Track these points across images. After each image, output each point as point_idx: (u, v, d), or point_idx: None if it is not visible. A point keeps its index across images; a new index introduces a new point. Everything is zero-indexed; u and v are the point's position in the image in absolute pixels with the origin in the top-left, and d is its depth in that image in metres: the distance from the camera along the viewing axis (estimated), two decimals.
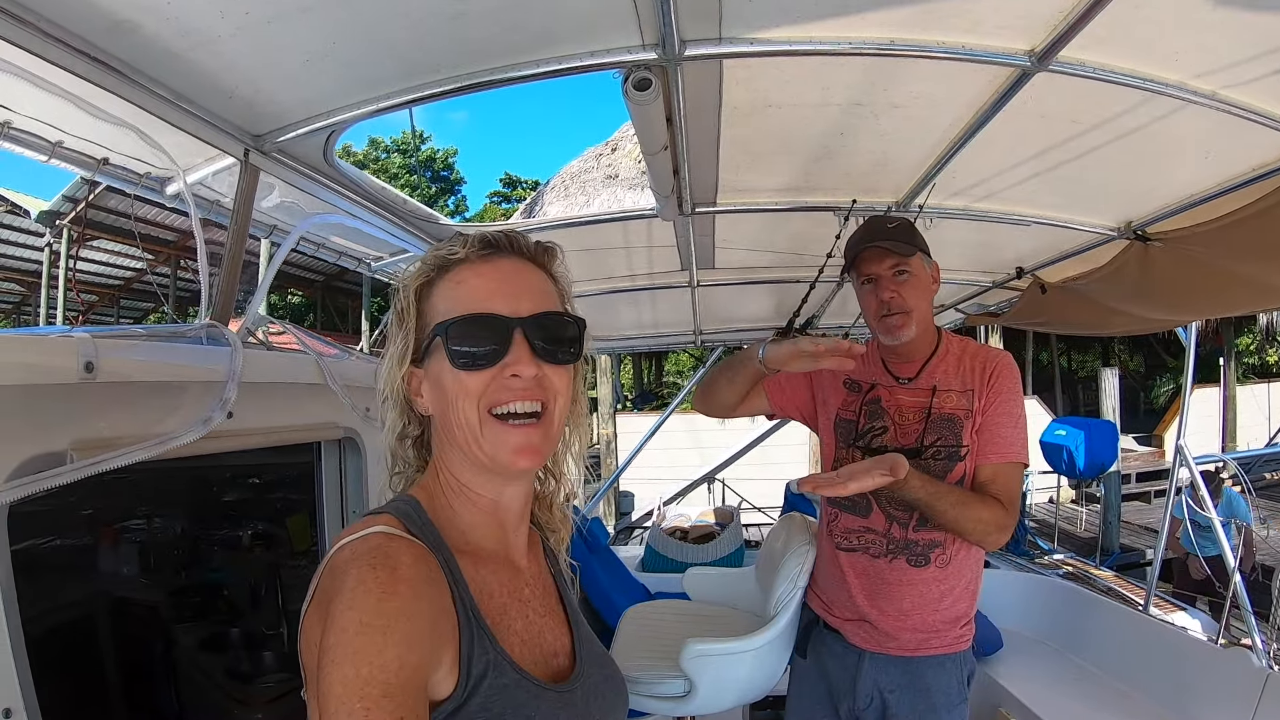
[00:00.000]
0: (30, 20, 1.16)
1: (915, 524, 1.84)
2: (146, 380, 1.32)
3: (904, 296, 1.86)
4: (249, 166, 1.66)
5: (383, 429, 0.97)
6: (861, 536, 1.92)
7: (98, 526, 1.87)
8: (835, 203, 2.51)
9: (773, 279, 3.71)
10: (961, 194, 2.36)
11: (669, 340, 5.32)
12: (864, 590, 1.90)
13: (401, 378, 0.90)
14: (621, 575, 4.00)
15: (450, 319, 0.85)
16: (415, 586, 0.74)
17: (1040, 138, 1.98)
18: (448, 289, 0.88)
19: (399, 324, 0.90)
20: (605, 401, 12.75)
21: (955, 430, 1.84)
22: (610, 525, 10.65)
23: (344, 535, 0.79)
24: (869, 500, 1.90)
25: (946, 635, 1.87)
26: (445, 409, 0.87)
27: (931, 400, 1.87)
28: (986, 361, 1.90)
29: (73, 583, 1.59)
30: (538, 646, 0.92)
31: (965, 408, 1.85)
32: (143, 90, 1.39)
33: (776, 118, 1.92)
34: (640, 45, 1.49)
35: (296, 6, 1.27)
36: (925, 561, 1.85)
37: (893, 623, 1.86)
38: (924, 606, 1.85)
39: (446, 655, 0.76)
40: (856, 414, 1.96)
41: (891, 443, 1.88)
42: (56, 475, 1.10)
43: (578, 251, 3.25)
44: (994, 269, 3.41)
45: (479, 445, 0.86)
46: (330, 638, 0.68)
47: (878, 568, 1.88)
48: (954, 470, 1.83)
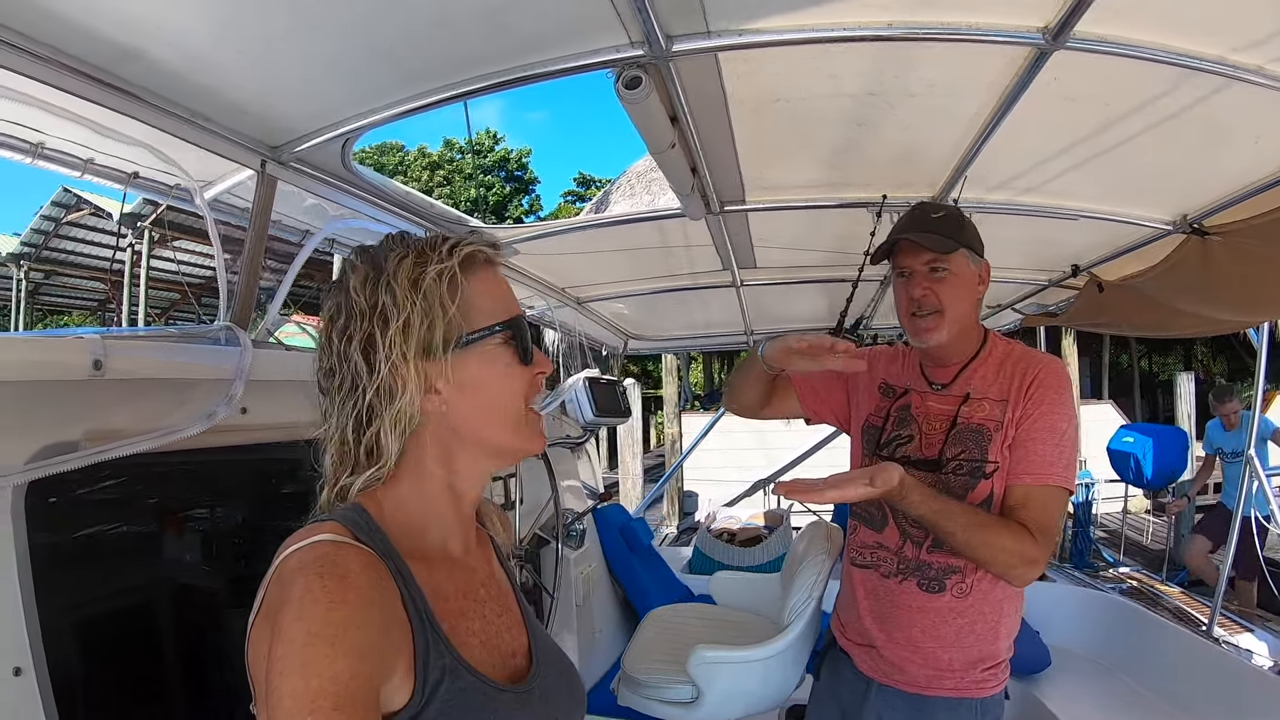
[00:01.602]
0: (46, 55, 1.25)
1: (931, 544, 1.66)
2: (155, 378, 1.40)
3: (938, 296, 1.69)
4: (265, 177, 1.74)
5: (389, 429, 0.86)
6: (874, 553, 1.77)
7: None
8: (867, 199, 2.46)
9: (818, 278, 3.67)
10: (1002, 187, 2.26)
11: (721, 340, 5.32)
12: (872, 611, 1.75)
13: (420, 371, 0.85)
14: (663, 576, 4.00)
15: (512, 316, 0.90)
16: (365, 594, 0.73)
17: (1074, 124, 1.88)
18: (484, 285, 0.90)
19: (425, 315, 0.85)
20: (670, 402, 12.74)
21: (982, 444, 1.65)
22: (674, 525, 10.70)
23: (290, 543, 0.78)
24: (885, 513, 1.75)
25: (964, 676, 1.66)
26: (484, 402, 0.88)
27: (959, 409, 1.70)
28: (1027, 368, 1.68)
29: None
30: (496, 647, 0.91)
31: (997, 419, 1.65)
32: (157, 111, 1.47)
33: (788, 111, 1.89)
34: (628, 43, 1.49)
35: (287, 27, 1.32)
36: (939, 588, 1.66)
37: (900, 652, 1.70)
38: (937, 640, 1.66)
39: (400, 663, 0.75)
40: (884, 420, 1.82)
41: (914, 453, 1.73)
42: (66, 461, 1.18)
43: (616, 251, 3.28)
44: (1049, 267, 3.28)
45: (518, 433, 0.91)
46: (278, 649, 0.68)
47: (887, 588, 1.73)
48: (977, 488, 1.63)
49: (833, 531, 2.29)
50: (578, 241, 3.06)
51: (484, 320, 0.88)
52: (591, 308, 4.20)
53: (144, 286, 9.30)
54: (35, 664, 1.10)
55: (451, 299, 0.86)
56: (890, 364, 1.91)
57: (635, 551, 3.94)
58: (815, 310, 4.30)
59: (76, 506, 1.44)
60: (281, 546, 0.78)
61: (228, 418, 1.48)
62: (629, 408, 3.85)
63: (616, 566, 3.77)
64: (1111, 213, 2.43)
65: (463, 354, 0.87)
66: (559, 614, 2.91)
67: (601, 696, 2.94)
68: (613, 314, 4.52)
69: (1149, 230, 2.49)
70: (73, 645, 1.29)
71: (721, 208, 2.57)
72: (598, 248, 3.18)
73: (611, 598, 3.72)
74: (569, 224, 2.97)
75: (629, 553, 3.88)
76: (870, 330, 4.16)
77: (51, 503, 1.33)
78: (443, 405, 0.87)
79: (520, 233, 2.94)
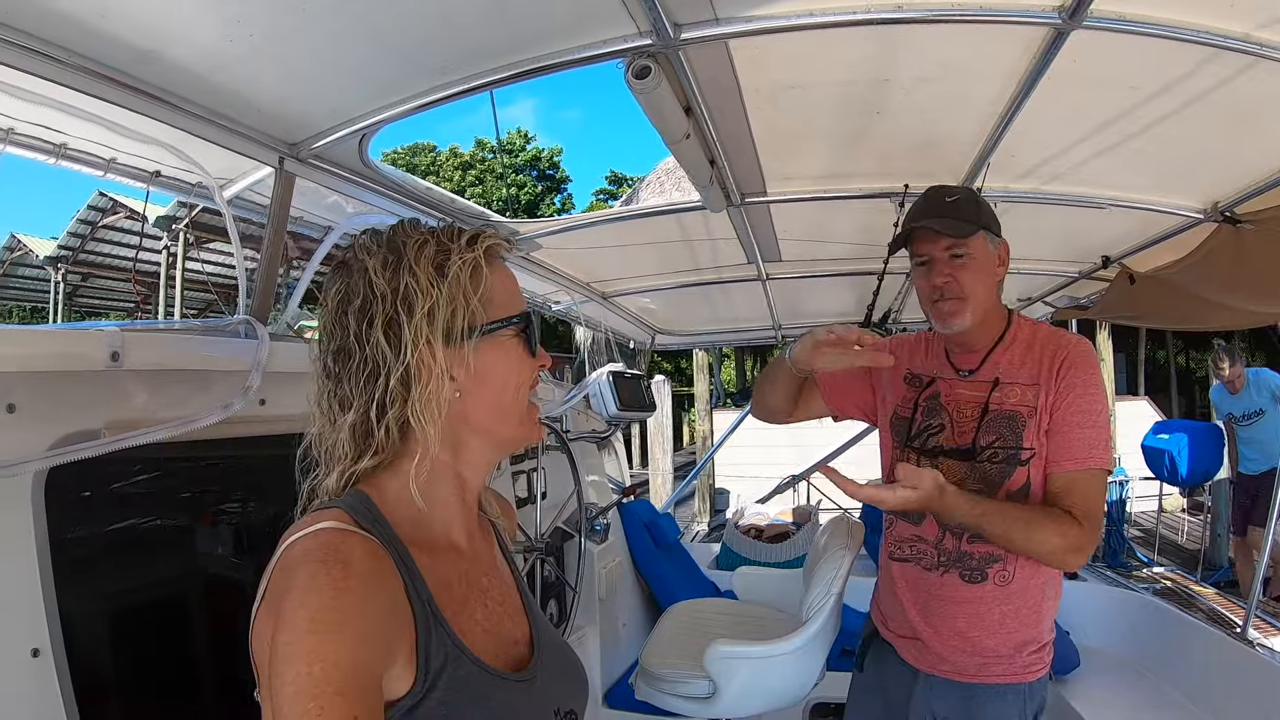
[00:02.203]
0: (65, 58, 1.28)
1: (970, 534, 1.64)
2: (173, 369, 1.43)
3: (959, 281, 1.66)
4: (283, 173, 1.77)
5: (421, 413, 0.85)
6: (914, 545, 1.75)
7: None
8: (889, 189, 2.43)
9: (845, 271, 3.63)
10: (1028, 175, 2.22)
11: (749, 335, 5.30)
12: (915, 604, 1.74)
13: (443, 356, 0.86)
14: (689, 571, 3.99)
15: (523, 311, 0.93)
16: (368, 582, 0.74)
17: (1098, 108, 1.84)
18: (503, 279, 0.92)
19: (454, 297, 0.86)
20: (702, 399, 12.69)
21: (1016, 430, 1.64)
22: (705, 522, 10.67)
23: (293, 531, 0.78)
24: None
25: (1011, 662, 1.66)
26: (492, 392, 0.90)
27: (990, 394, 1.68)
28: (1056, 350, 1.67)
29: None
30: (498, 636, 0.92)
31: (1030, 404, 1.64)
32: (176, 111, 1.50)
33: (803, 99, 1.87)
34: (636, 33, 1.49)
35: (295, 26, 1.34)
36: (981, 578, 1.65)
37: (946, 642, 1.69)
38: (982, 628, 1.66)
39: (402, 650, 0.76)
40: (913, 410, 1.79)
41: (947, 442, 1.71)
42: (85, 449, 1.22)
43: (640, 245, 3.28)
44: (1079, 258, 3.20)
45: (521, 422, 0.93)
46: (282, 636, 0.68)
47: (929, 581, 1.71)
48: (1014, 475, 1.62)
49: (854, 527, 2.26)
50: (602, 236, 3.06)
51: (501, 312, 0.90)
52: (617, 302, 4.20)
53: (179, 287, 9.52)
54: (53, 646, 1.14)
55: (475, 289, 0.87)
56: (914, 353, 1.88)
57: (661, 547, 3.94)
58: (843, 303, 4.26)
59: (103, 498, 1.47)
60: (285, 534, 0.79)
61: (247, 409, 1.51)
62: (653, 402, 3.84)
63: (642, 561, 3.77)
64: (1141, 201, 2.37)
65: (481, 343, 0.88)
66: (581, 608, 2.92)
67: (624, 690, 2.95)
68: (639, 308, 4.52)
69: (1180, 219, 2.43)
70: (91, 630, 1.33)
71: (742, 200, 2.56)
72: (622, 241, 3.18)
73: (636, 592, 3.73)
74: (591, 217, 2.97)
75: (655, 548, 3.88)
76: (899, 323, 4.11)
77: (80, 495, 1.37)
78: (456, 392, 0.87)
79: (543, 226, 2.95)
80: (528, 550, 2.49)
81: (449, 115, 65.85)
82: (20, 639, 1.12)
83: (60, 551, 1.21)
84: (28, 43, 1.22)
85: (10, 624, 1.11)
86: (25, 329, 1.29)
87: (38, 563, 1.15)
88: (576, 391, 3.29)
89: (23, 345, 1.18)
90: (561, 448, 2.88)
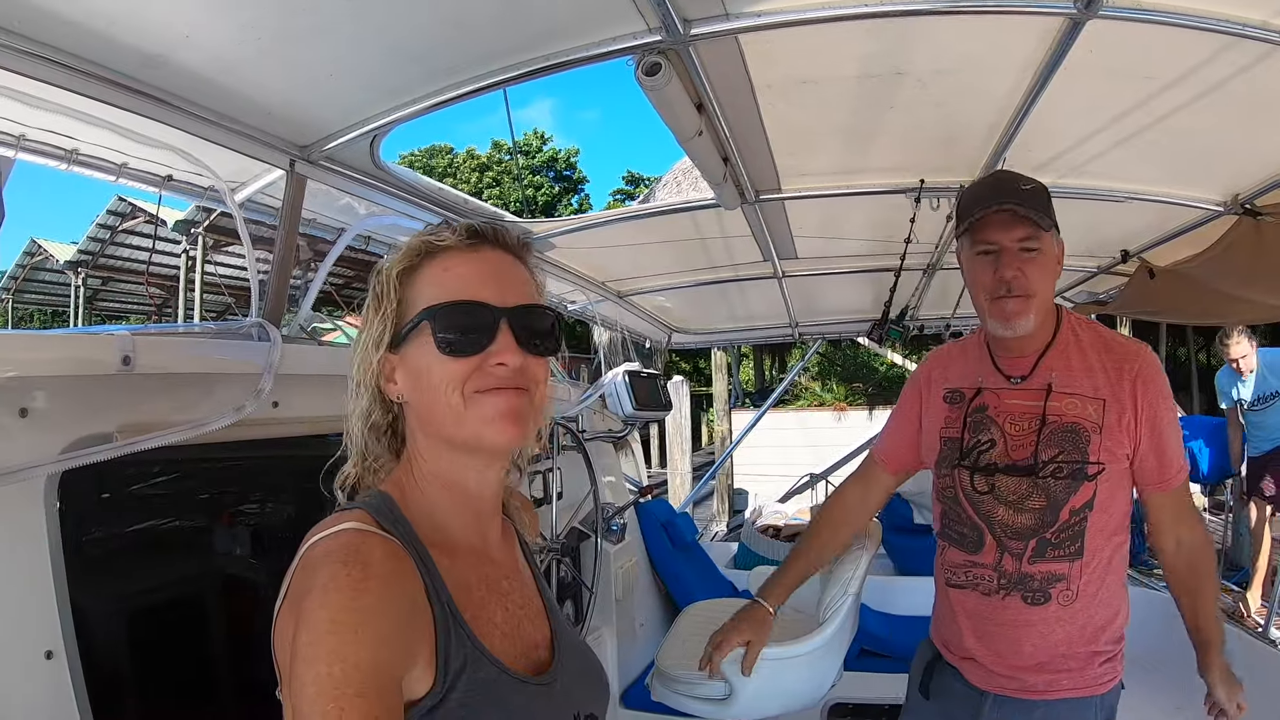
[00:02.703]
0: (71, 64, 1.30)
1: (1031, 554, 1.54)
2: (184, 373, 1.44)
3: (1028, 277, 1.51)
4: (294, 176, 1.78)
5: (353, 418, 0.92)
6: (969, 572, 1.64)
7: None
8: (904, 184, 2.40)
9: (861, 268, 3.60)
10: (1045, 169, 2.18)
11: (766, 333, 5.27)
12: (974, 630, 1.63)
13: (376, 363, 0.88)
14: (707, 571, 3.97)
15: (439, 303, 0.85)
16: (388, 583, 0.73)
17: (1115, 99, 1.81)
18: (434, 275, 0.87)
19: (377, 307, 0.88)
20: (720, 398, 12.64)
21: (1080, 444, 1.52)
22: (724, 523, 10.63)
23: (315, 531, 0.79)
24: (981, 531, 1.61)
25: (1083, 674, 1.56)
26: (425, 395, 0.86)
27: (1045, 404, 1.55)
28: (1123, 363, 1.54)
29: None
30: (518, 638, 0.91)
31: (1094, 420, 1.52)
32: (184, 115, 1.52)
33: (816, 94, 1.86)
34: (645, 29, 1.48)
35: (306, 27, 1.35)
36: (1044, 599, 1.55)
37: (1010, 664, 1.59)
38: (1048, 648, 1.56)
39: (422, 652, 0.76)
40: (960, 429, 1.64)
41: (1001, 459, 1.57)
42: (97, 453, 1.22)
43: (656, 243, 3.27)
44: (1098, 253, 3.17)
45: (461, 425, 0.85)
46: (302, 636, 0.68)
47: (989, 607, 1.60)
48: (1079, 491, 1.51)
49: (872, 526, 2.23)
50: (617, 235, 3.06)
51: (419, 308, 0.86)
52: (633, 301, 4.20)
53: (198, 291, 9.63)
54: (67, 648, 1.14)
55: (390, 293, 0.87)
56: (950, 365, 1.75)
57: (679, 547, 3.92)
58: (859, 300, 4.23)
59: (118, 500, 1.48)
60: (308, 534, 0.79)
61: (259, 412, 1.52)
62: (669, 401, 3.83)
63: (659, 562, 3.76)
64: (1160, 194, 2.34)
65: (406, 349, 0.87)
66: (597, 608, 2.91)
67: (641, 691, 2.93)
68: (655, 307, 4.51)
69: (1199, 211, 2.40)
70: (105, 631, 1.34)
71: (757, 197, 2.55)
72: (637, 240, 3.17)
73: (653, 593, 3.71)
74: (605, 216, 2.97)
75: (672, 548, 3.86)
76: (916, 320, 4.07)
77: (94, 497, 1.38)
78: (400, 395, 0.88)
79: (557, 226, 2.95)
80: (544, 550, 2.48)
81: (466, 117, 66.20)
82: (34, 641, 1.12)
83: (74, 554, 1.21)
84: (35, 49, 1.24)
85: (24, 626, 1.12)
86: (37, 334, 1.29)
87: (51, 565, 1.16)
88: (592, 391, 3.28)
89: (35, 350, 1.19)
90: (577, 447, 2.87)
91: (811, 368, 15.82)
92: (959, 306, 3.93)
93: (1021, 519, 1.56)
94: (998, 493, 1.58)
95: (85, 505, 1.32)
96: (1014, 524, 1.56)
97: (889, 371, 15.25)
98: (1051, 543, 1.55)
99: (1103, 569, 1.56)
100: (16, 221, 8.36)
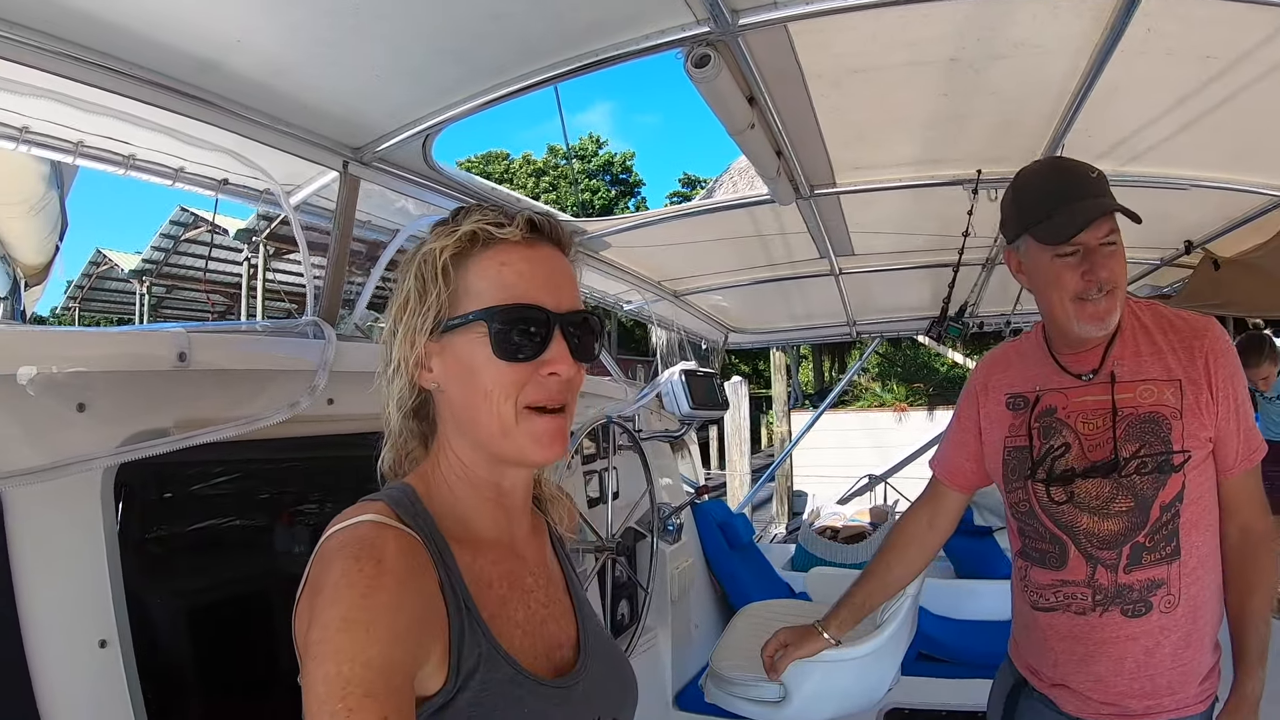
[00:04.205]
0: (128, 71, 1.34)
1: (1127, 562, 1.42)
2: (240, 370, 1.46)
3: (1116, 275, 1.42)
4: (348, 177, 1.80)
5: (388, 406, 0.90)
6: (1058, 591, 1.50)
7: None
8: (961, 176, 2.32)
9: (919, 264, 3.51)
10: (1105, 156, 2.08)
11: (823, 333, 5.19)
12: (1071, 655, 1.50)
13: (422, 349, 0.85)
14: (763, 572, 3.92)
15: (500, 305, 0.82)
16: (400, 579, 0.72)
17: (1175, 82, 1.72)
18: (490, 268, 0.83)
19: (422, 292, 0.84)
20: (780, 400, 12.50)
21: (1161, 434, 1.41)
22: (783, 525, 10.51)
23: (336, 521, 0.78)
24: (1064, 544, 1.48)
25: (1184, 693, 1.43)
26: (470, 395, 0.83)
27: (1113, 394, 1.44)
28: (1192, 338, 1.44)
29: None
30: (540, 637, 0.89)
31: (1172, 405, 1.41)
32: (239, 118, 1.55)
33: (869, 84, 1.81)
34: (693, 21, 1.46)
35: (351, 29, 1.36)
36: (1145, 609, 1.42)
37: (1113, 689, 1.46)
38: (1154, 665, 1.43)
39: (435, 649, 0.75)
40: (1028, 437, 1.53)
41: (1078, 462, 1.46)
42: (153, 446, 1.25)
43: (711, 241, 3.24)
44: (1160, 244, 3.02)
45: (507, 438, 0.83)
46: (314, 633, 0.68)
47: (1086, 626, 1.47)
48: (1167, 485, 1.40)
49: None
50: (672, 233, 3.03)
51: (472, 305, 0.83)
52: (689, 300, 4.17)
53: (260, 297, 9.95)
54: (120, 638, 1.17)
55: (442, 279, 0.83)
56: (1009, 369, 1.63)
57: (735, 548, 3.88)
58: (918, 297, 4.13)
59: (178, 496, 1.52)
60: (329, 524, 0.78)
61: (314, 408, 1.54)
62: (726, 400, 3.79)
63: (715, 562, 3.72)
64: (1223, 180, 2.23)
65: (451, 339, 0.84)
66: (653, 609, 2.89)
67: (695, 692, 2.90)
68: (711, 306, 4.47)
69: (1264, 199, 2.28)
70: (159, 622, 1.37)
71: (811, 191, 2.49)
72: (692, 238, 3.14)
73: (709, 593, 3.68)
74: (658, 214, 2.93)
75: (729, 549, 3.82)
76: (976, 317, 3.93)
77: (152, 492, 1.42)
78: (434, 384, 0.86)
79: (611, 225, 2.94)
80: (599, 550, 2.47)
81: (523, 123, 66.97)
82: (89, 630, 1.15)
83: (130, 547, 1.24)
84: (93, 57, 1.29)
85: (79, 615, 1.15)
86: (95, 331, 1.33)
87: (106, 556, 1.19)
88: (649, 390, 3.27)
89: (92, 346, 1.22)
90: (634, 447, 2.85)
91: (872, 368, 15.50)
92: (1019, 303, 3.78)
93: (1109, 525, 1.44)
94: (1078, 500, 1.46)
95: (143, 501, 1.36)
96: (1101, 532, 1.44)
97: (950, 371, 14.86)
98: (1146, 547, 1.42)
99: (1200, 567, 1.44)
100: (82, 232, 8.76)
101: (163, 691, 1.27)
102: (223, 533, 1.57)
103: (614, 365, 4.16)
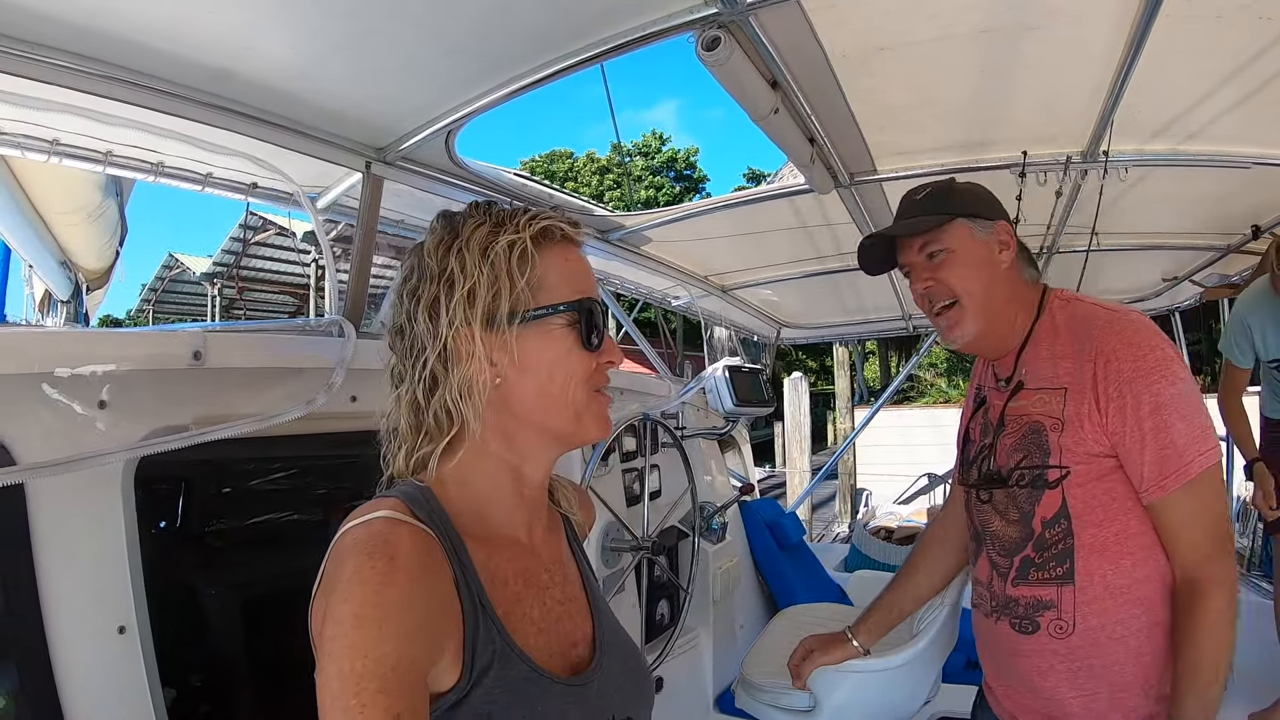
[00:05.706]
0: (140, 83, 1.38)
1: (1015, 575, 1.36)
2: (259, 368, 1.50)
3: (943, 282, 1.40)
4: (370, 177, 1.82)
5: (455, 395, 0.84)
6: (976, 590, 1.50)
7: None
8: (1007, 159, 2.21)
9: None
10: (1159, 135, 1.95)
11: (878, 327, 5.05)
12: (990, 658, 1.50)
13: (478, 339, 0.84)
14: (813, 573, 3.83)
15: (581, 298, 0.87)
16: (414, 576, 0.73)
17: (1228, 49, 1.59)
18: (559, 262, 0.88)
19: (493, 279, 0.83)
20: (843, 396, 12.27)
21: (1041, 443, 1.33)
22: (845, 524, 10.29)
23: (350, 518, 0.79)
24: (980, 544, 1.48)
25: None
26: (543, 384, 0.85)
27: (1005, 403, 1.40)
28: (1085, 338, 1.31)
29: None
30: (555, 635, 0.88)
31: (1054, 414, 1.32)
32: (258, 124, 1.58)
33: (897, 61, 1.73)
34: (700, 3, 1.42)
35: (359, 31, 1.37)
36: (1033, 628, 1.34)
37: (1018, 700, 1.42)
38: (1049, 688, 1.34)
39: (449, 646, 0.75)
40: (966, 437, 1.58)
41: (990, 467, 1.44)
42: (171, 441, 1.29)
43: (757, 234, 3.18)
44: (1226, 229, 2.83)
45: (577, 419, 0.88)
46: (327, 630, 0.69)
47: (989, 629, 1.45)
48: (1043, 501, 1.32)
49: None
50: (717, 226, 2.99)
51: (551, 298, 0.86)
52: (738, 295, 4.11)
53: (329, 299, 10.30)
54: (139, 624, 1.21)
55: (520, 272, 0.84)
56: (981, 369, 1.63)
57: (785, 548, 3.80)
58: None
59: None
60: (344, 520, 0.79)
61: (333, 405, 1.56)
62: (771, 397, 3.72)
63: (763, 562, 3.65)
64: None
65: (525, 330, 0.85)
66: (694, 609, 2.85)
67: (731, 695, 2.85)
68: (761, 301, 4.40)
69: None
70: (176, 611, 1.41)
71: (851, 179, 2.42)
72: (736, 231, 3.08)
73: (756, 594, 3.61)
74: (696, 207, 2.88)
75: (777, 549, 3.74)
76: None
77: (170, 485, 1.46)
78: (497, 378, 0.85)
79: (647, 219, 2.90)
80: (634, 549, 2.45)
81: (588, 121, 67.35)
82: (109, 616, 1.20)
83: (148, 541, 1.28)
84: (109, 71, 1.33)
85: (100, 602, 1.20)
86: (116, 331, 1.38)
87: (126, 545, 1.23)
88: (691, 386, 3.23)
89: (113, 346, 1.26)
90: (675, 445, 2.82)
91: (940, 363, 15.04)
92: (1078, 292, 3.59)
93: (1009, 533, 1.40)
94: (995, 502, 1.43)
95: (161, 497, 1.40)
96: (1004, 538, 1.40)
97: None
98: (1035, 563, 1.34)
99: (1109, 600, 1.29)
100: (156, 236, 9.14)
101: (180, 674, 1.31)
102: (246, 528, 1.61)
103: (660, 361, 4.13)
